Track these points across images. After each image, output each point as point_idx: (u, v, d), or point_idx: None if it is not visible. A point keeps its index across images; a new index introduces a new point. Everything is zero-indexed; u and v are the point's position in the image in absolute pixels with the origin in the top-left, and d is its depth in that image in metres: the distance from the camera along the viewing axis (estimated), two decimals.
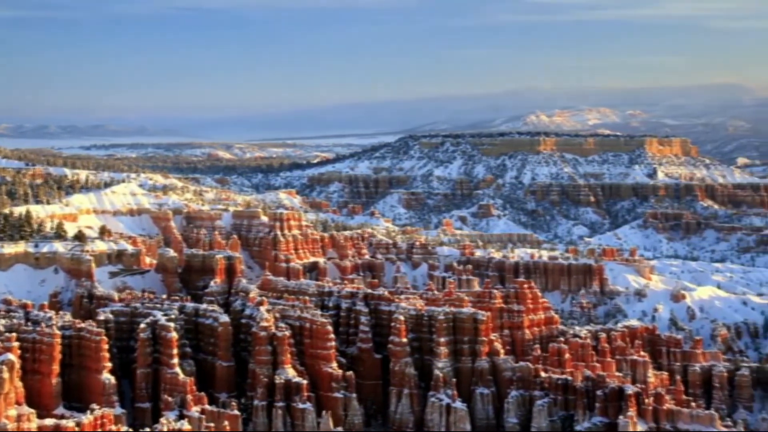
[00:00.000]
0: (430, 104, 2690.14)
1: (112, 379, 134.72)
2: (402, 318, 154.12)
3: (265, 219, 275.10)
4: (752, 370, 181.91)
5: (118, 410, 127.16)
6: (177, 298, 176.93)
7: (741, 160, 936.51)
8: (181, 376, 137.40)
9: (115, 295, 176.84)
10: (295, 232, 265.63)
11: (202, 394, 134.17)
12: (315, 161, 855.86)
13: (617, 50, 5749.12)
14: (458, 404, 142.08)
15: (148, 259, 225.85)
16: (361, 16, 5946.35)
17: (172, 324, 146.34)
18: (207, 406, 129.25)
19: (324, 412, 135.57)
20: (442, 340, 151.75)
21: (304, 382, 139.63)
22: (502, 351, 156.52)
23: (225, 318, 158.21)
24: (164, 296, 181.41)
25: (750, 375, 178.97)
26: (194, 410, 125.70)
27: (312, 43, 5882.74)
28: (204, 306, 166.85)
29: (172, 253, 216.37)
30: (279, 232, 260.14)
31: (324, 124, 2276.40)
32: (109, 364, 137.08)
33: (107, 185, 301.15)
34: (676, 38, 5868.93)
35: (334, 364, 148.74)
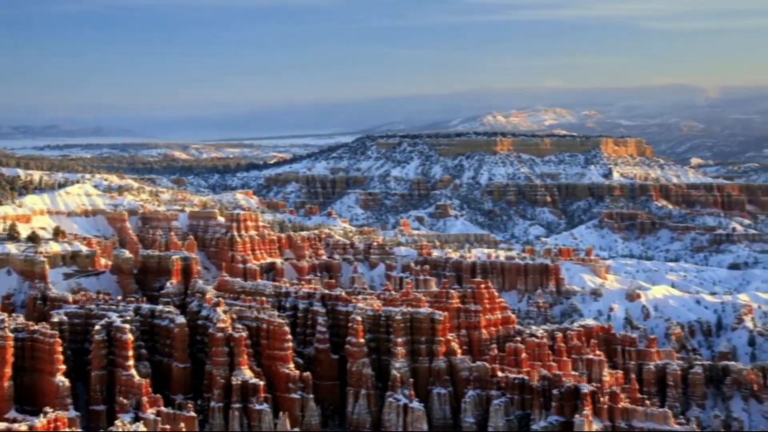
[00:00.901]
0: (386, 105, 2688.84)
1: (66, 382, 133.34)
2: (359, 318, 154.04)
3: (221, 220, 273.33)
4: (705, 368, 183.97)
5: (72, 413, 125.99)
6: (132, 299, 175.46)
7: (695, 161, 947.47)
8: (137, 378, 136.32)
9: (70, 297, 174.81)
10: (252, 232, 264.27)
11: (158, 395, 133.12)
12: (272, 162, 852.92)
13: (555, 50, 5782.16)
14: (415, 404, 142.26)
15: (103, 261, 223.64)
16: (307, 14, 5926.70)
17: (127, 326, 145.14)
18: (163, 408, 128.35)
19: (281, 413, 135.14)
20: (400, 340, 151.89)
21: (261, 383, 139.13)
22: (459, 351, 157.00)
23: (181, 319, 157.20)
24: (119, 298, 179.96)
25: (703, 373, 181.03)
26: (150, 412, 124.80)
27: (265, 42, 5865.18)
28: (160, 307, 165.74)
29: (127, 254, 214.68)
30: (236, 233, 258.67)
31: (281, 124, 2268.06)
32: (62, 367, 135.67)
33: (61, 186, 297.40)
34: (610, 38, 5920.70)
35: (291, 365, 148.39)
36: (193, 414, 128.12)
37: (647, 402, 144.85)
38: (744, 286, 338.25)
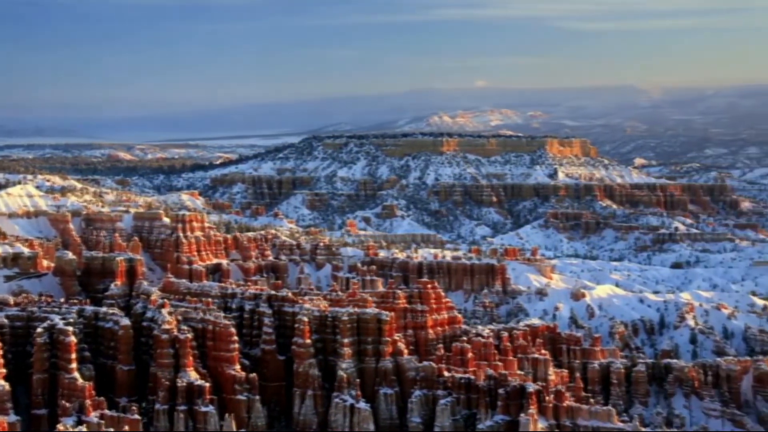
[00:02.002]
0: (332, 105, 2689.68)
1: (6, 386, 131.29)
2: (306, 319, 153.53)
3: (167, 221, 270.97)
4: (648, 366, 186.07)
5: (13, 417, 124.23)
6: (76, 301, 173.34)
7: (638, 161, 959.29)
8: (80, 381, 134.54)
9: (11, 299, 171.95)
10: (198, 233, 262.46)
11: (102, 398, 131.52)
12: (218, 162, 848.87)
13: (483, 51, 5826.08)
14: (362, 404, 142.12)
15: (45, 263, 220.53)
16: (243, 12, 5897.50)
17: (70, 328, 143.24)
18: (106, 411, 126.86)
19: (227, 415, 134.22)
20: (346, 340, 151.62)
21: (207, 384, 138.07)
22: (405, 351, 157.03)
23: (125, 321, 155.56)
24: (62, 300, 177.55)
25: (646, 371, 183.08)
26: (93, 416, 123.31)
27: (208, 41, 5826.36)
28: (104, 309, 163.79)
29: (70, 255, 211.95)
30: (181, 234, 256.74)
31: (226, 124, 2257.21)
32: (3, 370, 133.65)
33: (2, 187, 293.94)
34: (526, 38, 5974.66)
35: (238, 366, 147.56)
36: (137, 417, 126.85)
37: (591, 400, 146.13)
38: (686, 284, 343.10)
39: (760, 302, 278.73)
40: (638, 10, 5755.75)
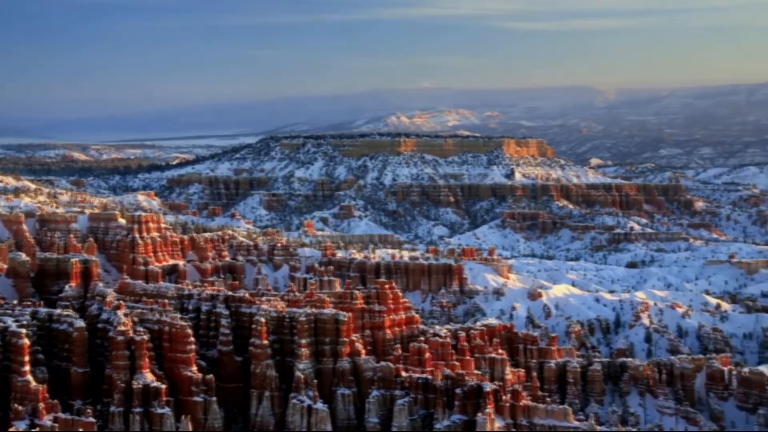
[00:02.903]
0: (289, 105, 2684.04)
1: None
2: (263, 320, 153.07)
3: (122, 221, 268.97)
4: (604, 365, 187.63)
5: None
6: (29, 303, 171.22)
7: (594, 161, 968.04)
8: (33, 383, 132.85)
9: None
10: (154, 234, 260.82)
11: (56, 401, 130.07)
12: (174, 163, 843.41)
13: (431, 50, 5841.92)
14: (319, 405, 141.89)
15: None
16: (193, 8, 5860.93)
17: (23, 330, 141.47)
18: (60, 414, 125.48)
19: (183, 417, 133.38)
20: (303, 341, 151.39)
21: (163, 386, 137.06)
22: (363, 351, 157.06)
23: (80, 323, 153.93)
24: (15, 302, 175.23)
25: (601, 370, 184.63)
26: (46, 419, 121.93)
27: (163, 40, 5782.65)
28: (58, 311, 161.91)
29: (24, 257, 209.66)
30: (137, 235, 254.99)
31: (182, 125, 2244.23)
32: None
33: None
34: (473, 38, 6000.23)
35: (194, 368, 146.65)
36: (91, 419, 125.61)
37: (548, 399, 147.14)
38: (641, 284, 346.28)
39: (713, 301, 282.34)
40: (590, 9, 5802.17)
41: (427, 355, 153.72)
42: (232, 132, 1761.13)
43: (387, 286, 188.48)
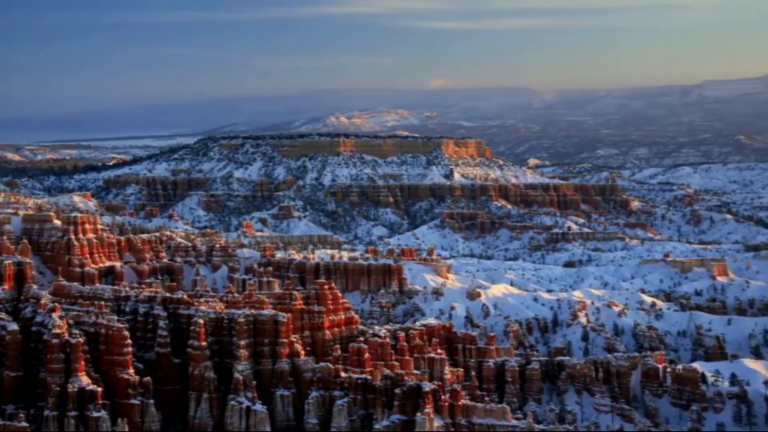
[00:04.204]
0: (227, 105, 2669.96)
1: None
2: (201, 321, 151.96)
3: (57, 223, 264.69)
4: (542, 364, 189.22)
5: None
6: None
7: (532, 161, 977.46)
8: None
9: None
10: (90, 236, 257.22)
11: None
12: (111, 163, 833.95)
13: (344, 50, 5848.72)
14: (258, 406, 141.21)
15: None
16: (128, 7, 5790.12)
17: None
18: None
19: (119, 420, 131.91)
20: (242, 342, 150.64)
21: (99, 389, 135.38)
22: (302, 352, 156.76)
23: (13, 326, 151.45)
24: None
25: (539, 369, 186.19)
26: None
27: (88, 38, 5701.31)
28: None
29: None
30: (73, 236, 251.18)
31: (119, 125, 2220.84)
32: None
33: None
34: (403, 39, 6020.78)
35: (131, 370, 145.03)
36: (24, 424, 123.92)
37: (486, 398, 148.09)
38: (578, 283, 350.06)
39: (648, 299, 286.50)
40: (528, 7, 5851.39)
41: (367, 355, 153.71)
42: (170, 132, 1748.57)
43: (326, 286, 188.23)
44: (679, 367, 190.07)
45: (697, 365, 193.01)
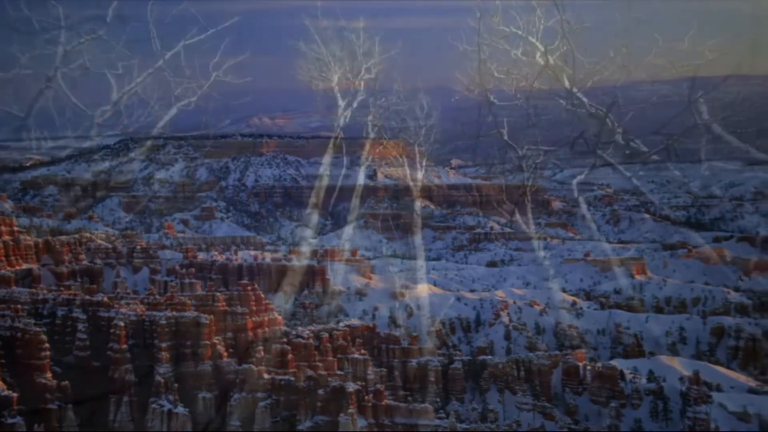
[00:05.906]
0: (147, 106, 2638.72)
1: None
2: (122, 324, 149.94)
3: None
4: (464, 364, 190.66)
5: None
6: None
7: (455, 162, 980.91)
8: None
9: None
10: (6, 238, 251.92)
11: None
12: (28, 164, 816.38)
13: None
14: (180, 409, 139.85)
15: None
16: None
17: None
18: None
19: (36, 426, 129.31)
20: (164, 345, 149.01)
21: (15, 395, 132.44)
22: (225, 354, 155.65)
23: None
24: None
25: (462, 368, 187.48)
26: None
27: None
28: None
29: None
30: None
31: (36, 125, 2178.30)
32: None
33: None
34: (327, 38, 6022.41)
35: (48, 374, 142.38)
36: None
37: (409, 398, 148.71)
38: (501, 282, 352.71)
39: (569, 298, 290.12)
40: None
41: (290, 356, 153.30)
42: (89, 133, 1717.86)
43: (249, 288, 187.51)
44: (599, 365, 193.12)
45: (616, 363, 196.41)
